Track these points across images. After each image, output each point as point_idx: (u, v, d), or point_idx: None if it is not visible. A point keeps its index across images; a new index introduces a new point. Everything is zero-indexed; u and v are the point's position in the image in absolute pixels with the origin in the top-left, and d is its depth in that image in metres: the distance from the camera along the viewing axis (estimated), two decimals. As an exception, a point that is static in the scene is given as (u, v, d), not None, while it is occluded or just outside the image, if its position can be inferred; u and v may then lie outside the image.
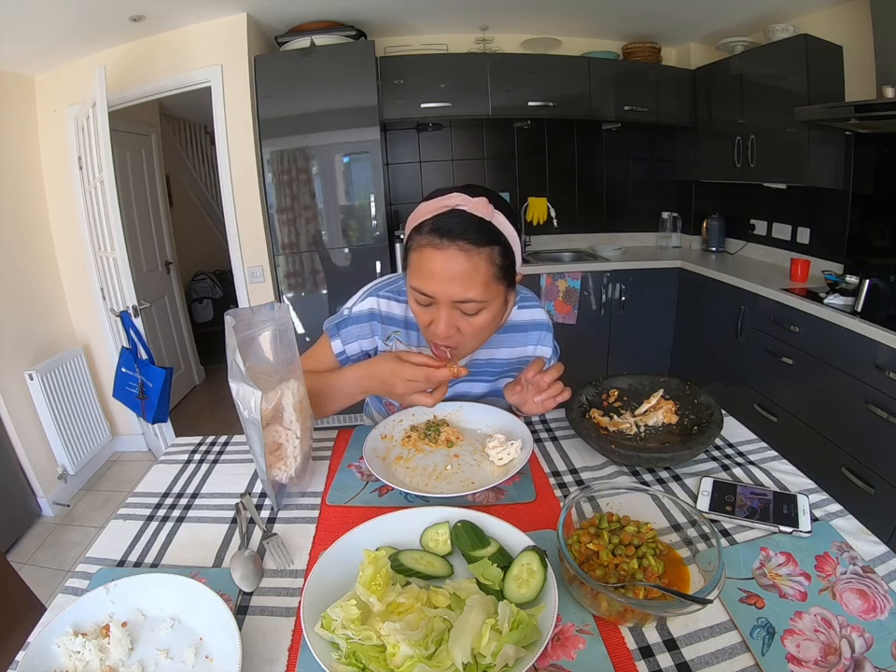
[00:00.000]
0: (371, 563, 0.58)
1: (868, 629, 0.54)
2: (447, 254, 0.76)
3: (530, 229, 3.24)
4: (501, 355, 1.02)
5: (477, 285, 0.77)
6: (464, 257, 0.76)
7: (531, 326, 1.03)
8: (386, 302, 0.98)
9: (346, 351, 0.99)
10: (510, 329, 1.00)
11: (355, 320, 0.98)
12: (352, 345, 0.99)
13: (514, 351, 1.02)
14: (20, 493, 2.28)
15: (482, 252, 0.77)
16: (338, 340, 0.99)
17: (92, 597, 0.58)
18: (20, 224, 2.43)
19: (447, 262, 0.76)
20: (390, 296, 0.98)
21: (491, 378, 1.04)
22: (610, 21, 2.82)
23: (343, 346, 0.99)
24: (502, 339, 1.00)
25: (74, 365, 2.59)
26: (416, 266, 0.80)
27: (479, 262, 0.77)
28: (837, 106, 2.00)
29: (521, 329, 1.02)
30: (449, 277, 0.76)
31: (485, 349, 0.99)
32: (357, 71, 2.51)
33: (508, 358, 1.03)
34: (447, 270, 0.76)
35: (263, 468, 0.74)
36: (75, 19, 2.07)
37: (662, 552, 0.62)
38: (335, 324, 0.99)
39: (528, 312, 1.03)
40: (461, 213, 0.77)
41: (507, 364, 1.03)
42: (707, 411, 0.93)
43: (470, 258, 0.76)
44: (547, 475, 0.85)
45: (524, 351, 1.03)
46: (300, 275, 2.73)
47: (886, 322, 1.75)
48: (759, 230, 2.93)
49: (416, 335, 0.99)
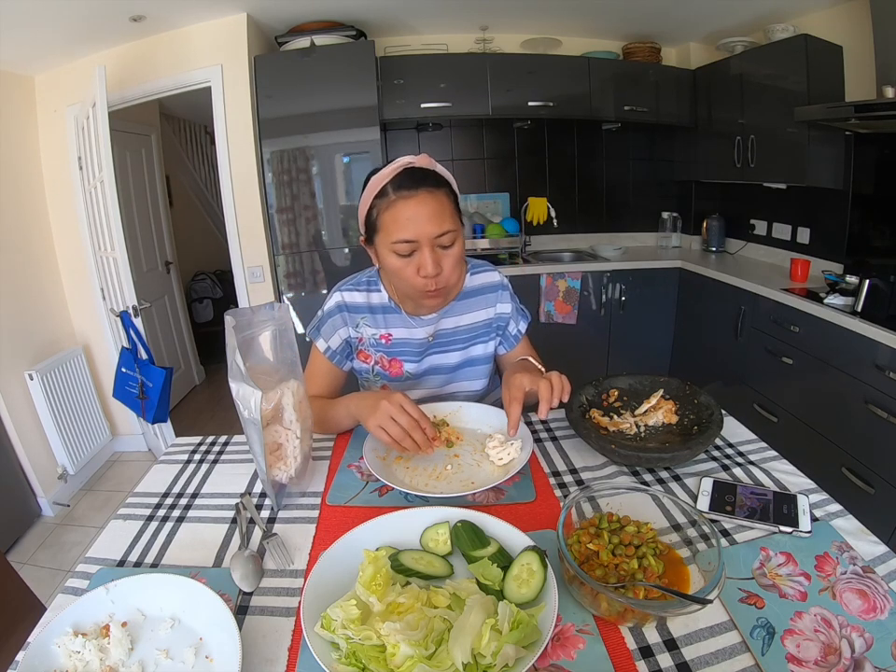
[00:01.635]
0: (370, 563, 0.58)
1: (868, 629, 0.54)
2: (418, 199, 0.89)
3: (530, 229, 3.23)
4: (465, 321, 1.11)
5: (448, 217, 0.91)
6: (431, 197, 0.90)
7: (487, 288, 1.12)
8: (349, 294, 1.08)
9: (331, 346, 1.08)
10: (467, 294, 1.10)
11: (328, 316, 1.08)
12: (333, 338, 1.08)
13: (477, 315, 1.11)
14: (20, 493, 2.28)
15: (441, 191, 0.92)
16: (321, 339, 1.08)
17: (92, 597, 0.58)
18: (20, 224, 2.43)
19: (420, 206, 0.89)
20: (351, 288, 1.08)
21: (461, 346, 1.11)
22: (610, 21, 2.82)
23: (326, 343, 1.08)
24: (463, 305, 1.10)
25: (74, 365, 2.59)
26: (392, 221, 0.90)
27: (442, 198, 0.92)
28: (837, 106, 1.99)
29: (478, 293, 1.11)
30: (426, 218, 0.89)
31: (450, 318, 1.09)
32: (357, 71, 2.51)
33: (472, 323, 1.11)
34: (422, 212, 0.89)
35: (263, 468, 0.74)
36: (75, 19, 2.06)
37: (662, 552, 0.62)
38: (314, 328, 1.09)
39: (480, 276, 1.12)
40: (414, 168, 0.92)
41: (473, 329, 1.11)
42: (707, 411, 0.93)
43: (436, 197, 0.90)
44: (547, 475, 0.85)
45: (486, 313, 1.12)
46: (300, 275, 2.73)
47: (886, 322, 1.75)
48: (759, 230, 2.93)
49: (382, 317, 1.08)
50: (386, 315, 1.07)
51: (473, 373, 1.13)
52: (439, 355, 1.10)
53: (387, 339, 1.08)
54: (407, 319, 1.07)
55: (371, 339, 1.08)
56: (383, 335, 1.08)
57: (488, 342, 1.13)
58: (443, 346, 1.10)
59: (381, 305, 1.07)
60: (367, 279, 1.09)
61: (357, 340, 1.09)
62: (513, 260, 3.08)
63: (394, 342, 1.08)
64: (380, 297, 1.08)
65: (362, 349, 1.09)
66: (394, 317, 1.07)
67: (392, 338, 1.08)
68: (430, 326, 1.07)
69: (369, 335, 1.08)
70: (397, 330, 1.07)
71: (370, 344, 1.09)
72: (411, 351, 1.08)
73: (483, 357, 1.13)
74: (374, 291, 1.08)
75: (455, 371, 1.12)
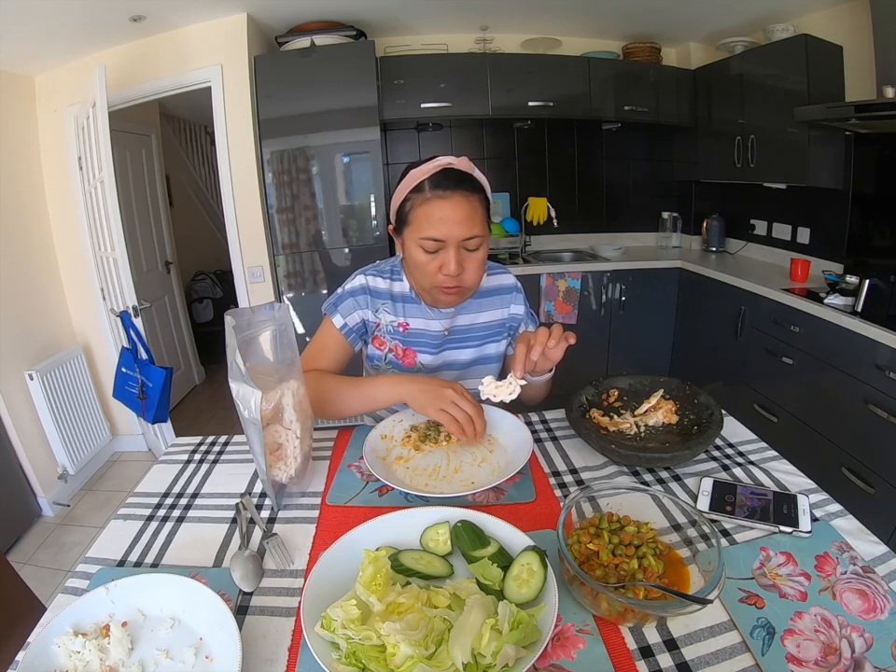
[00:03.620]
0: (370, 563, 0.58)
1: (868, 629, 0.54)
2: (453, 201, 0.92)
3: (530, 229, 3.24)
4: (481, 319, 1.14)
5: (478, 223, 0.94)
6: (465, 201, 0.92)
7: (503, 289, 1.16)
8: (373, 279, 1.09)
9: (348, 323, 1.08)
10: (484, 293, 1.13)
11: (349, 294, 1.08)
12: (352, 316, 1.08)
13: (493, 314, 1.15)
14: (20, 493, 2.28)
15: (476, 196, 0.94)
16: (337, 315, 1.07)
17: (92, 597, 0.58)
18: (20, 224, 2.43)
19: (454, 208, 0.92)
20: (375, 273, 1.10)
21: (476, 343, 1.14)
22: (610, 21, 2.82)
23: (343, 320, 1.07)
24: (479, 304, 1.13)
25: (74, 365, 2.59)
26: (424, 218, 0.93)
27: (476, 204, 0.94)
28: (837, 106, 2.00)
29: (494, 293, 1.15)
30: (457, 220, 0.91)
31: (466, 315, 1.12)
32: (357, 71, 2.51)
33: (488, 321, 1.14)
34: (455, 214, 0.91)
35: (263, 468, 0.74)
36: (75, 19, 2.06)
37: (662, 552, 0.62)
38: (332, 303, 1.09)
39: (497, 277, 1.16)
40: (453, 169, 0.94)
41: (488, 327, 1.14)
42: (707, 411, 0.93)
43: (470, 202, 0.93)
44: (547, 475, 0.85)
45: (501, 313, 1.16)
46: (300, 275, 2.73)
47: (886, 322, 1.75)
48: (759, 230, 2.93)
49: (401, 306, 1.09)
50: (406, 304, 1.09)
51: (485, 371, 1.14)
52: (453, 350, 1.12)
53: (405, 328, 1.09)
54: (426, 310, 1.09)
55: (388, 326, 1.09)
56: (401, 323, 1.09)
57: (501, 341, 1.16)
58: (459, 342, 1.12)
59: (401, 294, 1.09)
60: (390, 268, 1.11)
61: (374, 325, 1.10)
62: (513, 260, 3.08)
63: (411, 331, 1.09)
64: (401, 286, 1.09)
65: (378, 335, 1.11)
66: (413, 307, 1.09)
67: (409, 327, 1.09)
68: (447, 319, 1.10)
69: (387, 322, 1.09)
70: (415, 321, 1.09)
71: (387, 331, 1.10)
72: (426, 342, 1.10)
73: (495, 355, 1.16)
74: (397, 280, 1.10)
75: (467, 368, 1.14)
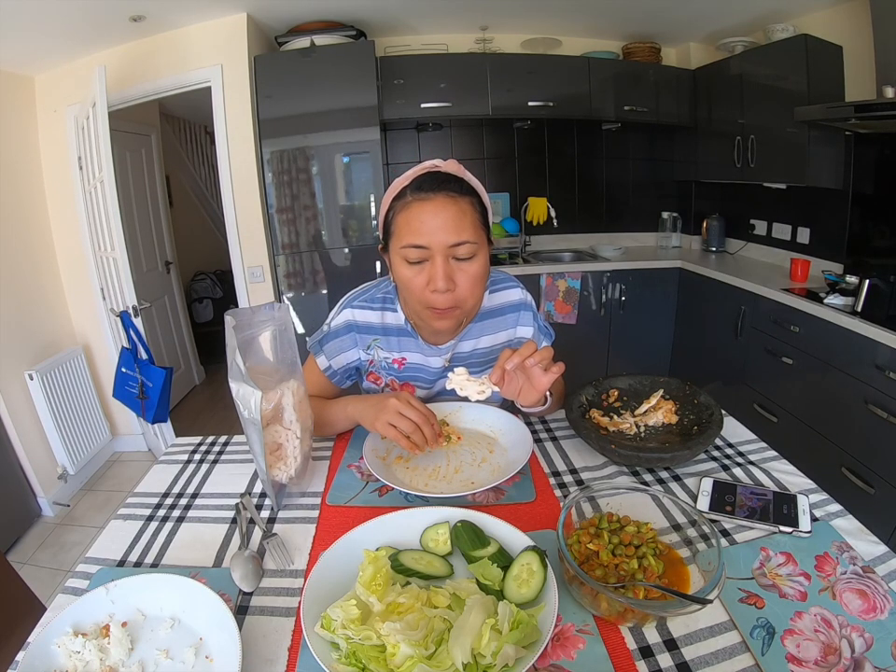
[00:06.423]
0: (370, 563, 0.58)
1: (868, 629, 0.54)
2: (435, 203, 0.81)
3: (530, 229, 3.24)
4: (483, 344, 1.02)
5: (467, 227, 0.82)
6: (451, 202, 0.81)
7: (508, 308, 1.03)
8: (361, 312, 0.99)
9: (332, 366, 1.00)
10: (485, 315, 1.01)
11: (334, 335, 0.99)
12: (337, 359, 1.00)
13: (496, 337, 1.03)
14: (20, 493, 2.28)
15: (465, 198, 0.83)
16: (322, 356, 1.00)
17: (92, 597, 0.58)
18: (20, 224, 2.43)
19: (437, 210, 0.81)
20: (364, 305, 0.99)
21: (477, 370, 1.03)
22: (610, 21, 2.82)
23: (328, 362, 1.00)
24: (481, 327, 1.01)
25: (74, 365, 2.59)
26: (405, 224, 0.83)
27: (464, 207, 0.82)
28: (837, 106, 1.99)
29: (497, 314, 1.02)
30: (441, 223, 0.80)
31: (467, 340, 1.01)
32: (357, 71, 2.51)
33: (491, 346, 1.03)
34: (438, 217, 0.80)
35: (263, 468, 0.74)
36: (75, 19, 2.06)
37: (662, 552, 0.62)
38: (317, 342, 1.00)
39: (501, 295, 1.03)
40: (439, 171, 0.84)
41: (491, 352, 1.03)
42: (707, 411, 0.93)
43: (457, 203, 0.82)
44: (547, 475, 0.85)
45: (506, 335, 1.03)
46: (300, 275, 2.73)
47: (886, 322, 1.75)
48: (759, 230, 2.93)
49: (396, 340, 0.99)
50: (401, 338, 0.99)
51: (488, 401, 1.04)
52: None
53: (401, 364, 1.00)
54: (423, 346, 0.98)
55: (382, 362, 1.00)
56: (396, 359, 1.00)
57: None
58: None
59: (396, 327, 0.98)
60: (382, 296, 0.99)
61: (367, 362, 1.00)
62: (513, 260, 3.08)
63: (407, 366, 1.00)
64: (395, 317, 0.98)
65: (373, 371, 1.02)
66: (409, 341, 0.99)
67: (406, 362, 1.00)
68: (448, 353, 1.00)
69: (381, 358, 1.00)
70: (411, 355, 0.99)
71: (381, 367, 1.01)
72: (424, 378, 1.01)
73: None
74: (390, 311, 0.98)
75: None
